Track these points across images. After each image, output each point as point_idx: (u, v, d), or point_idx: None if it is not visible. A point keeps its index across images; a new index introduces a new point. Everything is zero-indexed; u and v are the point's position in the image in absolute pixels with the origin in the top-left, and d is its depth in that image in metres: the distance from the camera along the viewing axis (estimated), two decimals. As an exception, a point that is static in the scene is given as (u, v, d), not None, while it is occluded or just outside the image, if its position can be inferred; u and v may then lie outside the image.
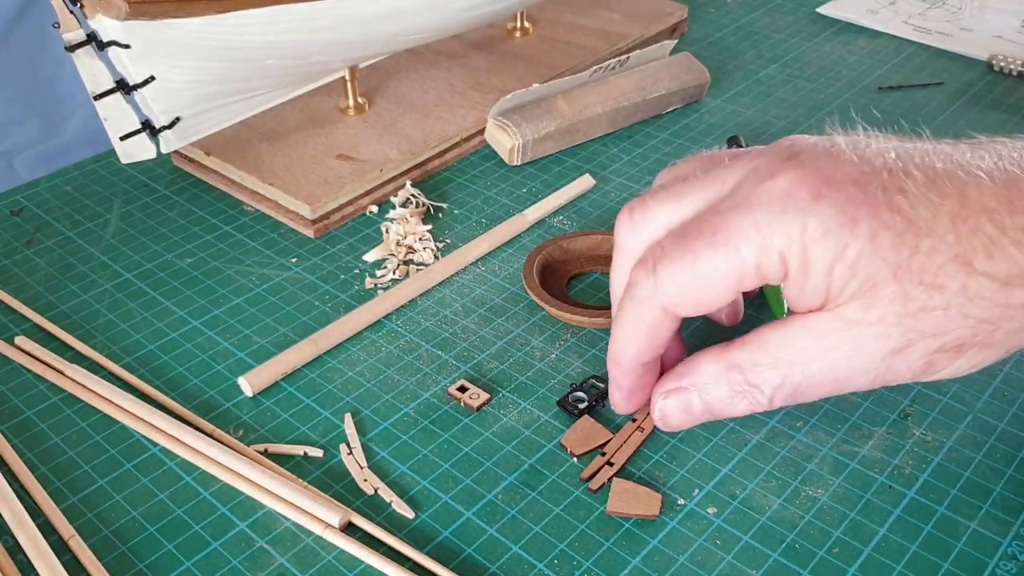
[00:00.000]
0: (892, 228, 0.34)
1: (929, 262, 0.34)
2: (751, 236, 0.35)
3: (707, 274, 0.36)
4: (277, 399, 0.50)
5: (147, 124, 0.62)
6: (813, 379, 0.37)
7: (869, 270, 0.34)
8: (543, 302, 0.53)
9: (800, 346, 0.36)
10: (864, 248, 0.34)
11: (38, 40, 1.15)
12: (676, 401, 0.40)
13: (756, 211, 0.35)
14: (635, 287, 0.39)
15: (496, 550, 0.42)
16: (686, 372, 0.40)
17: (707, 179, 0.39)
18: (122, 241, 0.61)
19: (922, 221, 0.34)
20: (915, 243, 0.34)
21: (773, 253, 0.35)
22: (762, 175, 0.36)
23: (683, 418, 0.41)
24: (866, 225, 0.34)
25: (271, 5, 0.58)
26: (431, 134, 0.67)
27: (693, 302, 0.37)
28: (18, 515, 0.43)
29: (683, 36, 0.85)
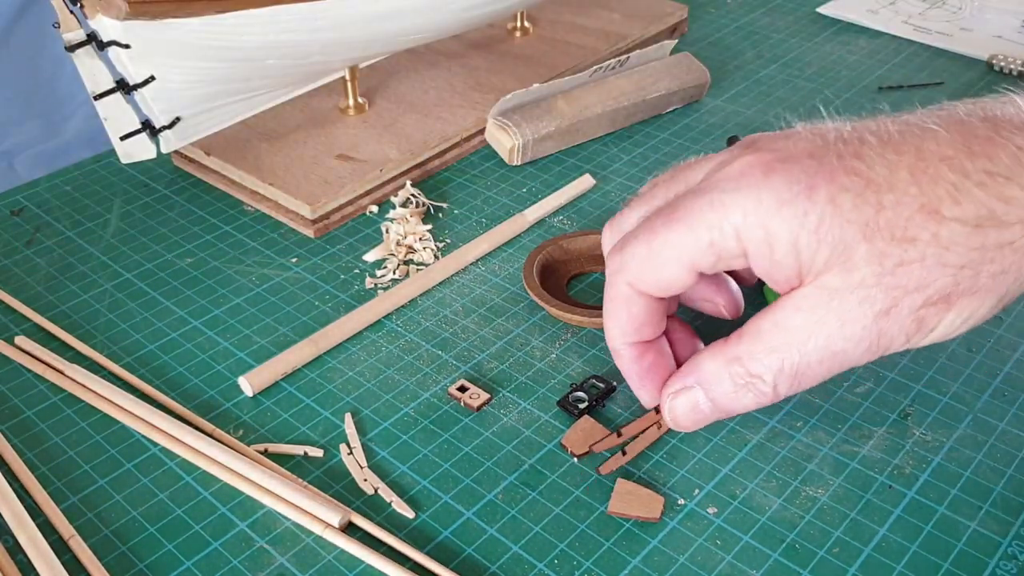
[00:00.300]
0: (851, 189, 0.34)
1: (896, 216, 0.34)
2: (706, 214, 0.36)
3: (663, 250, 0.38)
4: (277, 399, 0.50)
5: (147, 124, 0.62)
6: (811, 356, 0.37)
7: (836, 232, 0.34)
8: (543, 302, 0.53)
9: (792, 325, 0.36)
10: (825, 212, 0.34)
11: (38, 40, 1.15)
12: (684, 401, 0.41)
13: (711, 192, 0.36)
14: (608, 267, 0.41)
15: (496, 550, 0.42)
16: (690, 371, 0.40)
17: (673, 181, 0.41)
18: (122, 241, 0.61)
19: (881, 178, 0.34)
20: (877, 200, 0.34)
21: (728, 229, 0.36)
22: (722, 164, 0.38)
23: (693, 417, 0.41)
24: (823, 190, 0.34)
25: (271, 5, 0.58)
26: (431, 134, 0.67)
27: (653, 279, 0.39)
28: (18, 515, 0.43)
29: (683, 36, 0.85)
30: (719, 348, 0.39)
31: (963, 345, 0.51)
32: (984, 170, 0.33)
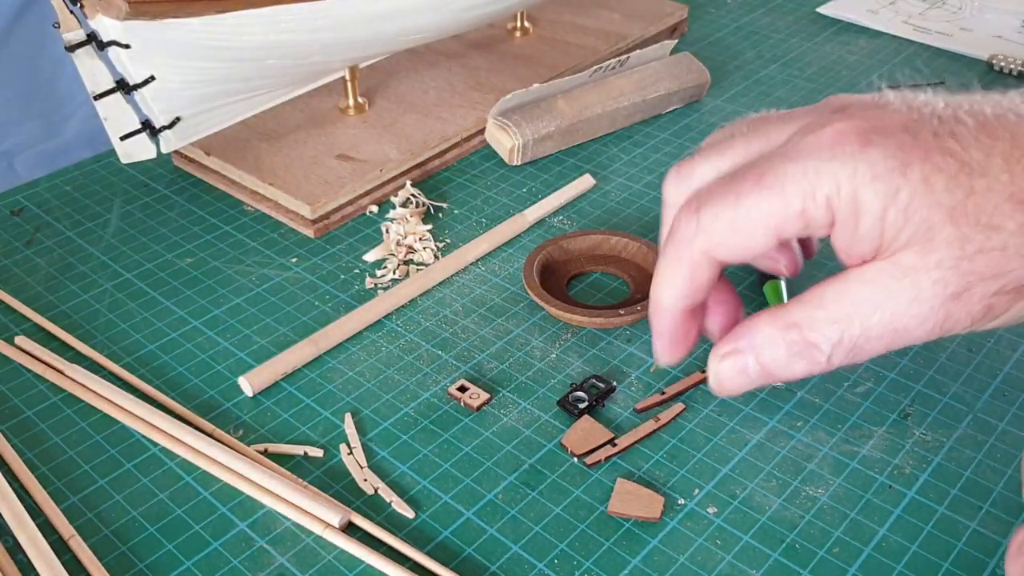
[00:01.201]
0: (945, 170, 0.33)
1: (985, 202, 0.33)
2: (798, 180, 0.35)
3: (749, 215, 0.36)
4: (277, 399, 0.50)
5: (147, 124, 0.62)
6: (872, 331, 0.36)
7: (923, 213, 0.34)
8: (543, 302, 0.53)
9: (858, 298, 0.35)
10: (917, 191, 0.33)
11: (38, 40, 1.15)
12: (732, 363, 0.39)
13: (804, 158, 0.35)
14: (678, 228, 0.38)
15: (496, 550, 0.42)
16: (743, 334, 0.39)
17: (753, 135, 0.39)
18: (122, 241, 0.61)
19: (975, 162, 0.33)
20: (969, 184, 0.33)
21: (820, 198, 0.35)
22: (812, 127, 0.36)
23: (739, 381, 0.39)
24: (918, 168, 0.33)
25: (271, 5, 0.58)
26: (431, 134, 0.67)
27: (733, 245, 0.37)
28: (18, 515, 0.43)
29: (683, 36, 0.85)
30: (776, 312, 0.38)
31: (963, 345, 0.51)
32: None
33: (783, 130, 0.38)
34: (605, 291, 0.56)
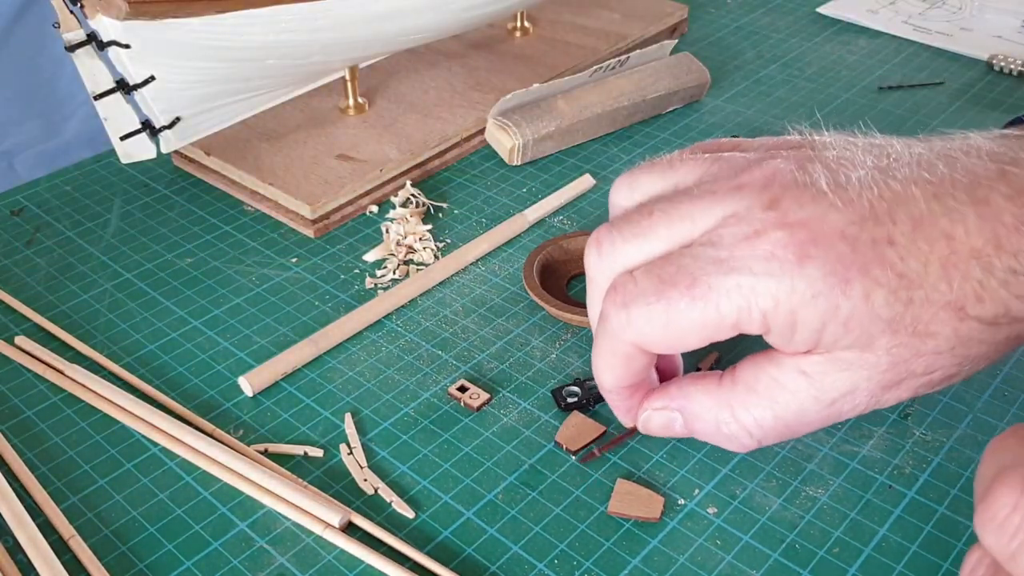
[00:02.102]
0: (884, 285, 0.33)
1: (923, 312, 0.33)
2: (732, 296, 0.35)
3: (681, 324, 0.36)
4: (277, 399, 0.50)
5: (147, 124, 0.62)
6: (806, 417, 0.37)
7: (863, 327, 0.34)
8: (543, 302, 0.53)
9: (795, 387, 0.36)
10: (857, 307, 0.34)
11: (38, 40, 1.15)
12: (661, 418, 0.41)
13: (738, 273, 0.34)
14: (607, 320, 0.38)
15: (496, 550, 0.42)
16: (677, 395, 0.40)
17: (674, 215, 0.37)
18: (122, 241, 0.61)
19: (913, 274, 0.33)
20: (908, 296, 0.33)
21: (755, 313, 0.35)
22: (742, 228, 0.35)
23: (664, 432, 0.42)
24: (858, 284, 0.33)
25: (271, 5, 0.58)
26: (431, 134, 0.67)
27: (665, 344, 0.37)
28: (18, 515, 0.43)
29: (683, 36, 0.85)
30: (712, 386, 0.39)
31: (963, 345, 0.51)
32: (1009, 268, 0.33)
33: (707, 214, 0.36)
34: (605, 291, 0.56)
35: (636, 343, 0.38)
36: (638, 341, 0.38)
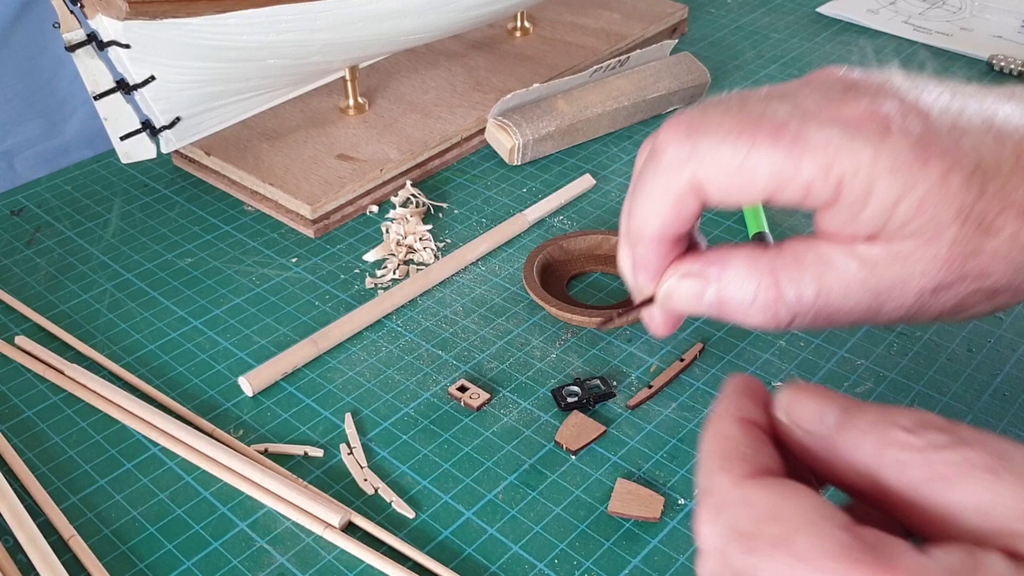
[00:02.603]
0: (963, 169, 0.33)
1: (991, 206, 0.33)
2: (817, 153, 0.33)
3: (755, 169, 0.33)
4: (277, 399, 0.50)
5: (147, 124, 0.62)
6: (847, 305, 0.34)
7: (935, 209, 0.33)
8: (543, 302, 0.53)
9: (843, 269, 0.34)
10: (933, 188, 0.33)
11: (38, 40, 1.15)
12: (690, 286, 0.36)
13: (829, 127, 0.33)
14: (662, 152, 0.34)
15: (496, 550, 0.42)
16: (714, 260, 0.36)
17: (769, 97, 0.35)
18: (122, 241, 0.61)
19: (988, 163, 0.33)
20: (983, 186, 0.33)
21: (832, 177, 0.33)
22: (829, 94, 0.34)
23: (688, 304, 0.36)
24: (937, 164, 0.33)
25: (271, 5, 0.58)
26: (431, 134, 0.67)
27: (726, 188, 0.34)
28: (18, 515, 0.43)
29: (683, 36, 0.85)
30: (754, 252, 0.35)
31: (963, 345, 0.51)
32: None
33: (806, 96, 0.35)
34: (605, 291, 0.56)
35: (694, 181, 0.34)
36: (697, 178, 0.34)
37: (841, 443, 0.28)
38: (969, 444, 0.25)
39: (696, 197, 0.35)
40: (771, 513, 0.26)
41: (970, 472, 0.25)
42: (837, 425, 0.28)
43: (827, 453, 0.28)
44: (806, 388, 0.30)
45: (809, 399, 0.29)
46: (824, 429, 0.28)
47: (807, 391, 0.29)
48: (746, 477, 0.27)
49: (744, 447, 0.28)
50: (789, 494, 0.26)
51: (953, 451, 0.25)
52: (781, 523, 0.25)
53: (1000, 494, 0.24)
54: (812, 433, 0.29)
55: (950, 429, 0.26)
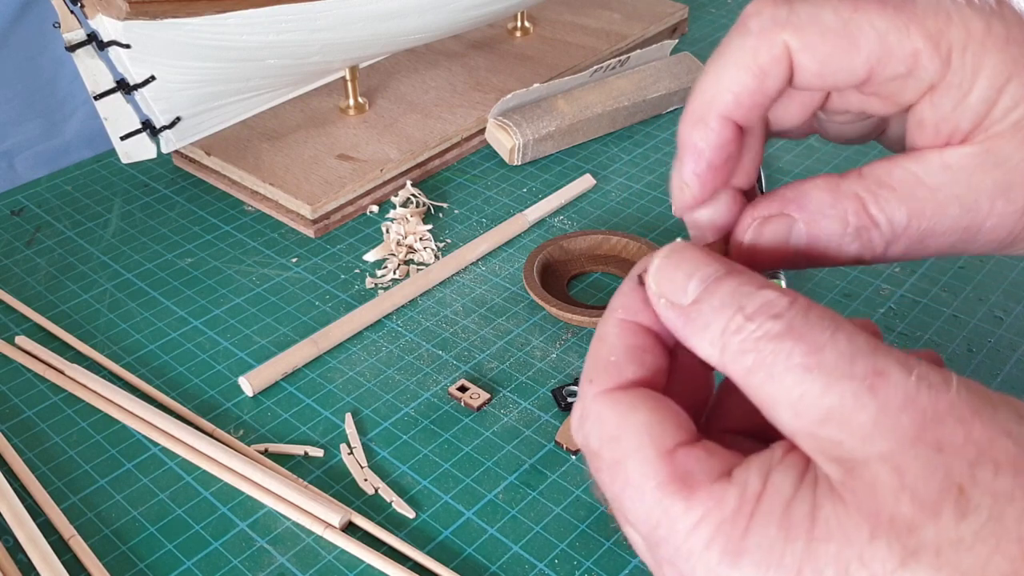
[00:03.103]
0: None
1: None
2: (927, 18, 0.29)
3: (860, 30, 0.29)
4: (277, 399, 0.50)
5: (147, 124, 0.62)
6: (943, 224, 0.31)
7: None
8: (543, 302, 0.53)
9: (934, 184, 0.30)
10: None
11: (38, 40, 1.15)
12: (774, 229, 0.32)
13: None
14: (754, 15, 0.30)
15: (496, 550, 0.42)
16: (791, 197, 0.32)
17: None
18: (122, 241, 0.61)
19: None
20: None
21: (944, 47, 0.29)
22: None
23: (772, 254, 0.32)
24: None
25: (271, 5, 0.58)
26: (431, 134, 0.67)
27: (824, 57, 0.29)
28: (18, 515, 0.43)
29: (683, 36, 0.85)
30: (831, 181, 0.31)
31: (963, 345, 0.51)
32: None
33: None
34: (605, 291, 0.56)
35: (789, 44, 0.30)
36: (793, 40, 0.30)
37: (692, 322, 0.26)
38: (795, 335, 0.24)
39: (784, 68, 0.30)
40: (613, 434, 0.25)
41: (787, 366, 0.23)
42: (694, 301, 0.26)
43: (682, 332, 0.26)
44: (681, 250, 0.27)
45: (678, 265, 0.27)
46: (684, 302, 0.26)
47: (680, 254, 0.27)
48: (604, 391, 0.26)
49: (614, 354, 0.27)
50: (630, 413, 0.25)
51: (779, 342, 0.24)
52: (619, 446, 0.25)
53: (807, 393, 0.23)
54: (673, 306, 0.26)
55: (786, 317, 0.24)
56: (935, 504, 0.22)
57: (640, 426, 0.25)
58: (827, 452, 0.23)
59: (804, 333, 0.24)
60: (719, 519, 0.23)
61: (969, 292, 0.54)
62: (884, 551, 0.22)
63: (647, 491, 0.24)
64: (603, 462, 0.26)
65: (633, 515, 0.25)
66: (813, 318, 0.24)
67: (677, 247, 0.27)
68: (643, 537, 0.25)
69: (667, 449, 0.25)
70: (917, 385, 0.23)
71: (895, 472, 0.22)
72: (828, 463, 0.23)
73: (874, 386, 0.23)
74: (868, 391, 0.23)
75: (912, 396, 0.23)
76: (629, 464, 0.25)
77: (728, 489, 0.24)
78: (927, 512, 0.22)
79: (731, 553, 0.23)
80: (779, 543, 0.23)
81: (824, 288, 0.55)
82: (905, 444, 0.22)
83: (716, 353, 0.25)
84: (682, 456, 0.25)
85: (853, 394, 0.23)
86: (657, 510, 0.24)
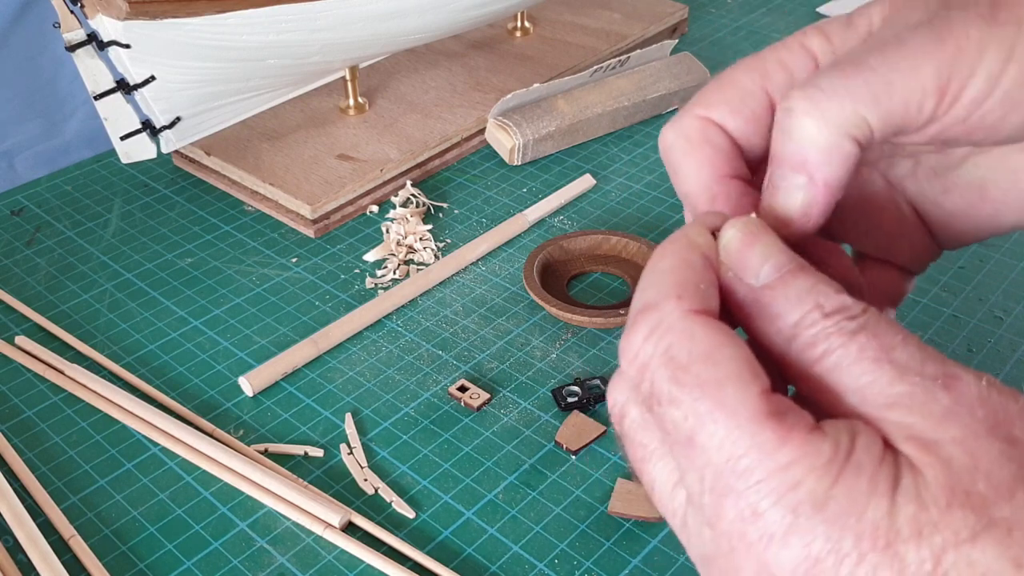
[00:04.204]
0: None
1: None
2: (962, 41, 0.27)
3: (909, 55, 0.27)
4: (277, 399, 0.50)
5: (147, 124, 0.62)
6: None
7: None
8: (543, 302, 0.53)
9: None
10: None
11: (38, 40, 1.15)
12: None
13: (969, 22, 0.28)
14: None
15: (496, 550, 0.42)
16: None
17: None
18: (122, 241, 0.61)
19: None
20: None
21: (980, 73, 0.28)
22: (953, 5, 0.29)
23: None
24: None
25: (271, 5, 0.58)
26: (431, 134, 0.67)
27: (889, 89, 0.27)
28: (18, 515, 0.43)
29: (683, 36, 0.85)
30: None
31: (963, 345, 0.51)
32: None
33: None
34: (605, 291, 0.56)
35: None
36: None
37: (764, 307, 0.26)
38: (870, 334, 0.25)
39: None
40: (708, 354, 0.25)
41: (858, 358, 0.24)
42: (766, 286, 0.26)
43: (752, 309, 0.27)
44: (757, 230, 0.27)
45: (753, 245, 0.27)
46: (757, 283, 0.26)
47: (756, 234, 0.27)
48: (695, 311, 0.26)
49: (702, 282, 0.27)
50: (728, 343, 0.25)
51: (853, 337, 0.25)
52: (715, 367, 0.25)
53: (877, 381, 0.24)
54: (745, 284, 0.27)
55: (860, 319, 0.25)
56: (1010, 487, 0.23)
57: (740, 356, 0.25)
58: (900, 432, 0.24)
59: (878, 333, 0.25)
60: (811, 465, 0.23)
61: (969, 292, 0.54)
62: (959, 521, 0.22)
63: (742, 418, 0.24)
64: (688, 376, 0.25)
65: (714, 439, 0.24)
66: (884, 325, 0.25)
67: (752, 225, 0.27)
68: (714, 467, 0.24)
69: (764, 387, 0.25)
70: (988, 389, 0.24)
71: (970, 455, 0.23)
72: (903, 441, 0.24)
73: (947, 384, 0.24)
74: (941, 388, 0.24)
75: (984, 397, 0.24)
76: (727, 386, 0.24)
77: (824, 439, 0.24)
78: (1002, 493, 0.23)
79: (817, 499, 0.23)
80: (864, 496, 0.23)
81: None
82: (979, 434, 0.23)
83: (782, 341, 0.26)
84: (777, 399, 0.25)
85: (924, 388, 0.24)
86: (748, 439, 0.24)
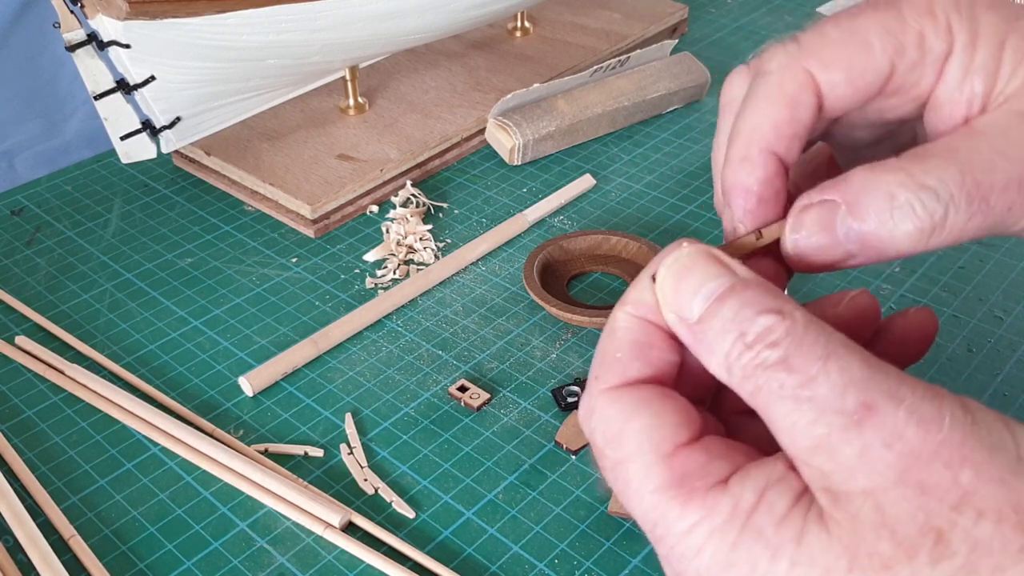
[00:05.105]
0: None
1: None
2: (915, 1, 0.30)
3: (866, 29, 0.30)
4: (277, 399, 0.50)
5: (147, 124, 0.62)
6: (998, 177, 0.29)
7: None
8: (543, 302, 0.53)
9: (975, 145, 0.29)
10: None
11: (38, 40, 1.15)
12: (816, 215, 0.30)
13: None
14: (768, 59, 0.31)
15: (496, 550, 0.42)
16: (834, 184, 0.30)
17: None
18: (122, 241, 0.61)
19: None
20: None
21: (940, 18, 0.30)
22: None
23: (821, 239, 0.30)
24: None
25: (271, 5, 0.58)
26: (431, 134, 0.67)
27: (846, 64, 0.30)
28: (18, 515, 0.43)
29: (683, 36, 0.85)
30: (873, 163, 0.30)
31: (963, 345, 0.51)
32: None
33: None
34: (605, 291, 0.56)
35: (811, 66, 0.31)
36: (811, 62, 0.31)
37: (700, 342, 0.26)
38: (788, 367, 0.24)
39: (813, 94, 0.31)
40: (616, 433, 0.26)
41: (780, 396, 0.24)
42: (699, 320, 0.26)
43: (692, 349, 0.26)
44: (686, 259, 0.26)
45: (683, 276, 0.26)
46: (691, 317, 0.26)
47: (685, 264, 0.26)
48: (609, 388, 0.26)
49: (620, 351, 0.27)
50: (632, 414, 0.26)
51: (774, 372, 0.24)
52: (621, 447, 0.26)
53: (798, 422, 0.24)
54: (682, 321, 0.26)
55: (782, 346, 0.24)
56: (912, 545, 0.22)
57: (641, 429, 0.26)
58: (817, 481, 0.24)
59: (797, 365, 0.24)
60: (711, 527, 0.24)
61: (969, 292, 0.54)
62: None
63: (645, 493, 0.25)
64: (607, 460, 0.26)
65: (634, 513, 0.26)
66: (807, 346, 0.24)
67: (682, 255, 0.26)
68: (648, 533, 0.26)
69: (666, 452, 0.25)
70: (906, 421, 0.23)
71: (876, 509, 0.23)
72: (819, 491, 0.24)
73: (861, 421, 0.23)
74: (855, 426, 0.23)
75: (899, 433, 0.23)
76: (630, 466, 0.25)
77: (722, 499, 0.24)
78: (904, 552, 0.22)
79: (720, 562, 0.24)
80: (764, 560, 0.23)
81: (824, 288, 0.55)
82: (888, 482, 0.23)
83: (724, 374, 0.25)
84: (681, 460, 0.25)
85: (840, 427, 0.23)
86: (654, 512, 0.25)
